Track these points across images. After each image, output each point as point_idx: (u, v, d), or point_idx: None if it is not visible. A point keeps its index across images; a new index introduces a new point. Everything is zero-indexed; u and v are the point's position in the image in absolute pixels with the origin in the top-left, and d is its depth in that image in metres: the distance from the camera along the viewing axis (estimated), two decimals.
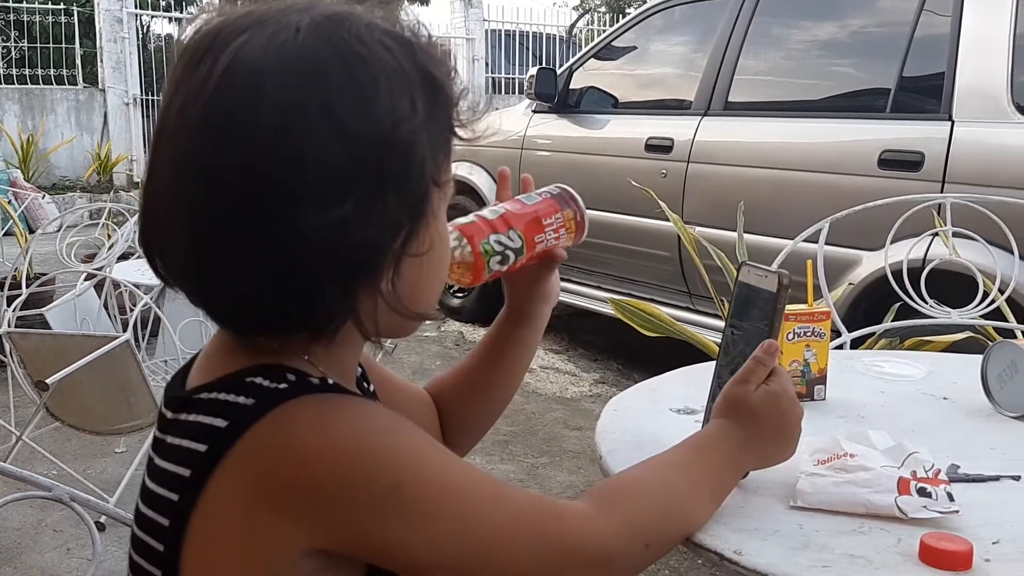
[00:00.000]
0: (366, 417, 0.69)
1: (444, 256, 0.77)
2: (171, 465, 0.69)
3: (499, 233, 0.90)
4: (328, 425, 0.66)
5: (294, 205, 0.63)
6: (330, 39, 0.65)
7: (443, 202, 0.74)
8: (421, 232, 0.70)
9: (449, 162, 0.73)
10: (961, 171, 2.83)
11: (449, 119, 0.73)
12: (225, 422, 0.66)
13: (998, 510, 0.89)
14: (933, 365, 1.47)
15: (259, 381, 0.68)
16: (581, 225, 0.98)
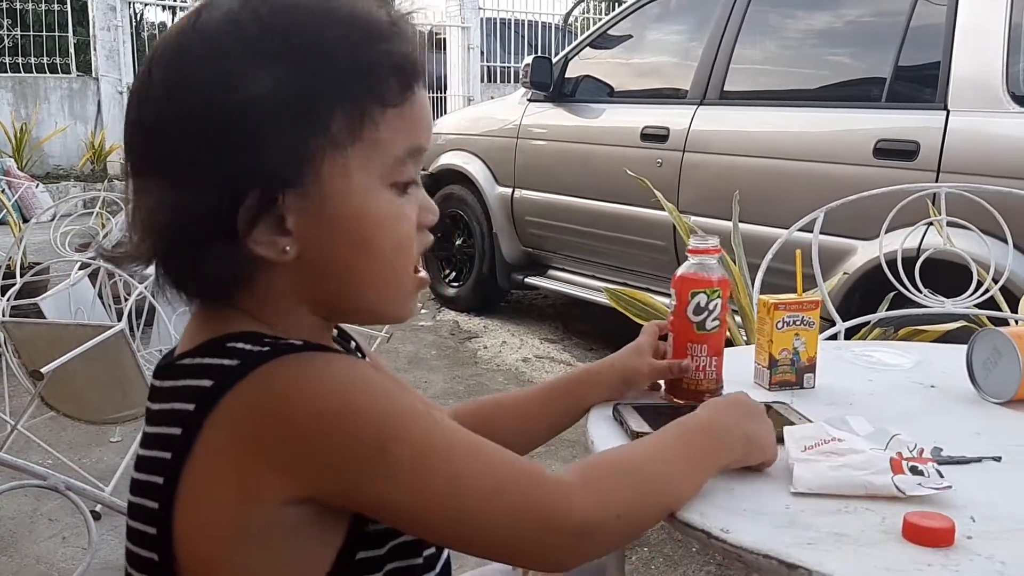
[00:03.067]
0: (352, 374, 0.71)
1: (375, 228, 0.75)
2: (162, 428, 0.71)
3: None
4: (311, 381, 0.69)
5: (151, 171, 0.72)
6: (230, 15, 0.71)
7: (367, 164, 0.73)
8: (291, 193, 0.70)
9: (364, 124, 0.72)
10: (956, 160, 2.83)
11: (357, 83, 0.72)
12: (211, 382, 0.69)
13: (980, 490, 0.90)
14: (922, 354, 1.48)
15: (241, 345, 0.71)
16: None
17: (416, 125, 0.76)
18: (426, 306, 5.08)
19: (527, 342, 4.46)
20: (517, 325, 4.77)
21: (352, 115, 0.72)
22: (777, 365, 1.26)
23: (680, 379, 1.18)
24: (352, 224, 0.73)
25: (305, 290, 0.75)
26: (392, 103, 0.73)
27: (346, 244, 0.74)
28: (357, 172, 0.73)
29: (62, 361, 2.23)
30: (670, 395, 1.20)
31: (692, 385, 1.17)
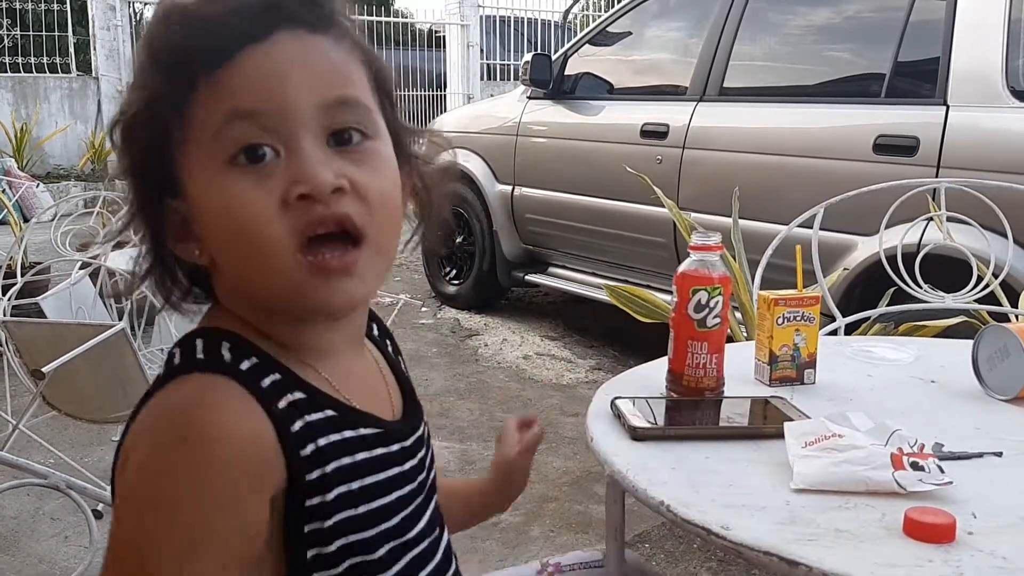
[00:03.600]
0: (180, 438, 0.66)
1: (218, 220, 0.70)
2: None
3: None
4: (155, 422, 0.68)
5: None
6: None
7: (201, 152, 0.70)
8: (178, 200, 0.72)
9: (186, 112, 0.69)
10: (956, 156, 2.83)
11: (165, 73, 0.70)
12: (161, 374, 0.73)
13: (981, 485, 0.90)
14: (922, 349, 1.48)
15: (178, 351, 0.73)
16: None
17: (236, 89, 0.68)
18: (427, 304, 5.08)
19: (528, 339, 4.46)
20: (518, 323, 4.77)
21: (176, 106, 0.70)
22: (777, 361, 1.26)
23: (681, 376, 1.18)
24: (209, 220, 0.71)
25: (233, 289, 0.75)
26: (200, 81, 0.69)
27: (216, 241, 0.71)
28: (198, 165, 0.70)
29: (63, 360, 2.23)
30: (671, 391, 1.20)
31: (693, 382, 1.17)
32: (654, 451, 0.99)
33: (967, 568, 0.73)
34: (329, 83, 0.71)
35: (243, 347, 0.72)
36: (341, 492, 0.72)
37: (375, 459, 0.76)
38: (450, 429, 3.27)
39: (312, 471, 0.70)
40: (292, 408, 0.71)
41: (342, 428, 0.74)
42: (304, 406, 0.72)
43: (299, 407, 0.72)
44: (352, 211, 0.70)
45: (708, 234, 1.17)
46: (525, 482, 1.10)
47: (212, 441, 0.65)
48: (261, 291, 0.72)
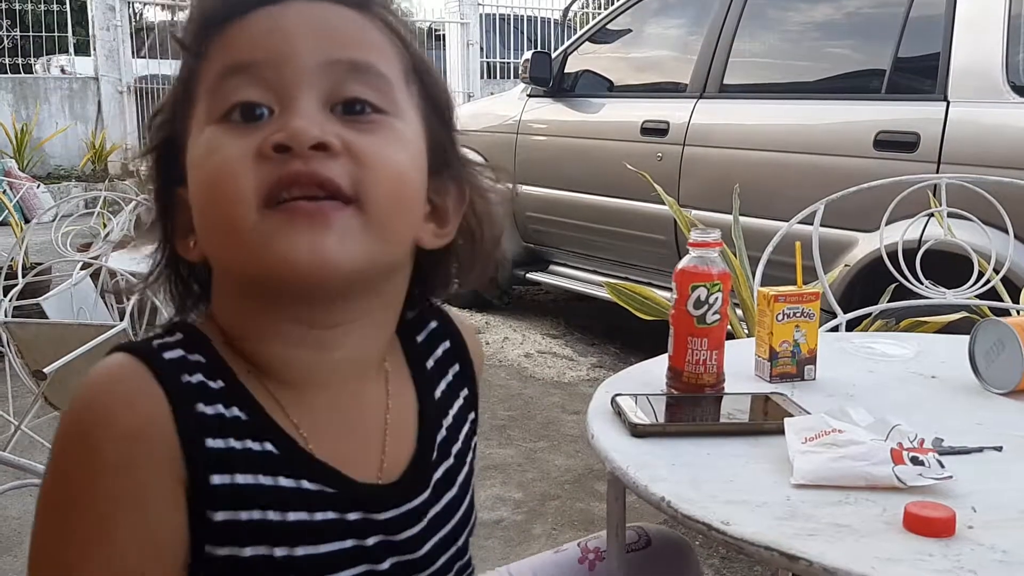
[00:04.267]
0: (97, 413, 0.60)
1: (192, 172, 0.64)
2: None
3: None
4: (79, 393, 0.61)
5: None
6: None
7: (199, 119, 0.64)
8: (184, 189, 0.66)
9: (196, 86, 0.65)
10: (956, 151, 2.83)
11: (185, 51, 0.67)
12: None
13: (981, 480, 0.90)
14: (923, 345, 1.48)
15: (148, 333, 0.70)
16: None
17: (238, 43, 0.63)
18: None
19: (529, 338, 4.46)
20: (519, 321, 4.77)
21: (190, 76, 0.66)
22: (778, 357, 1.26)
23: (681, 372, 1.18)
24: (189, 185, 0.65)
25: (216, 278, 0.68)
26: (211, 43, 0.64)
27: (193, 208, 0.65)
28: (195, 128, 0.65)
29: (65, 361, 2.23)
30: (671, 388, 1.20)
31: (693, 379, 1.17)
32: (655, 447, 0.99)
33: (967, 562, 0.73)
34: (340, 42, 0.64)
35: (192, 342, 0.65)
36: (259, 554, 0.61)
37: (310, 524, 0.63)
38: None
39: (216, 511, 0.60)
40: (216, 422, 0.62)
41: (278, 472, 0.63)
42: (231, 428, 0.62)
43: (226, 425, 0.62)
44: (340, 174, 0.60)
45: (707, 230, 1.17)
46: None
47: (101, 422, 0.59)
48: (220, 259, 0.64)
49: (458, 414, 0.78)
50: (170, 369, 0.62)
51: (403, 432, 0.72)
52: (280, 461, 0.63)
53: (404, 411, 0.73)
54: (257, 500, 0.61)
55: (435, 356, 0.79)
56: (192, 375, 0.62)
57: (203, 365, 0.64)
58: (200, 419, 0.61)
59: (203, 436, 0.61)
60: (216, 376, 0.63)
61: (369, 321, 0.68)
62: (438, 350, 0.79)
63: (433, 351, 0.79)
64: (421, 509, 0.70)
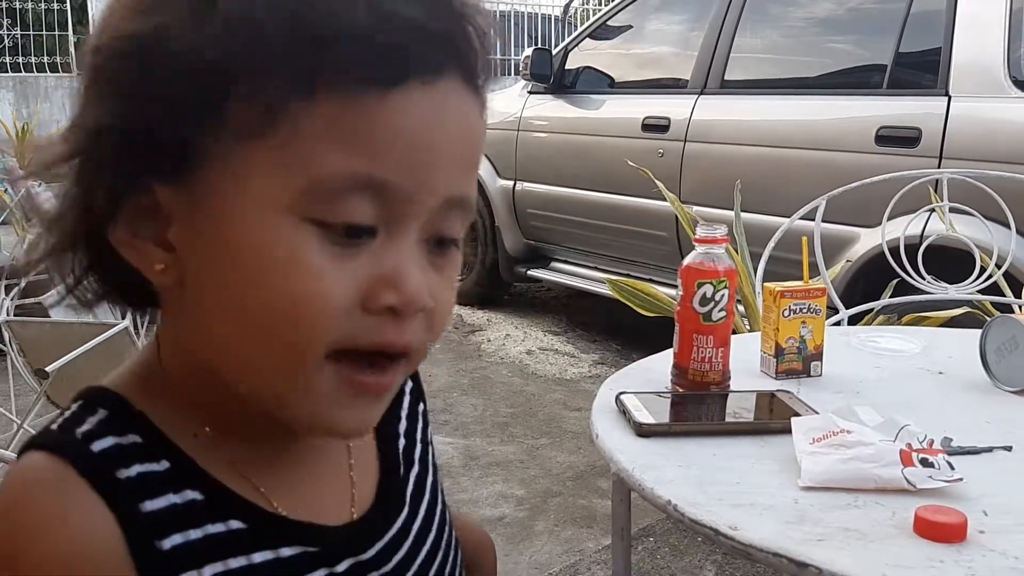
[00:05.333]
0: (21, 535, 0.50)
1: (255, 267, 0.49)
2: None
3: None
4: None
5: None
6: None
7: (273, 175, 0.48)
8: (166, 187, 0.50)
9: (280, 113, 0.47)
10: (958, 147, 2.82)
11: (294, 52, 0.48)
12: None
13: (991, 481, 0.89)
14: (928, 340, 1.47)
15: (60, 419, 0.55)
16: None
17: (380, 144, 0.48)
18: None
19: (531, 334, 4.45)
20: (520, 318, 4.76)
21: (270, 96, 0.47)
22: (784, 353, 1.25)
23: (686, 370, 1.17)
24: (232, 254, 0.49)
25: (190, 340, 0.54)
26: (335, 87, 0.47)
27: (215, 280, 0.50)
28: (255, 180, 0.48)
29: (67, 359, 2.23)
30: (676, 385, 1.19)
31: (698, 376, 1.17)
32: (660, 448, 0.99)
33: (979, 568, 0.73)
34: (463, 170, 0.53)
35: (121, 420, 0.54)
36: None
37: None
38: (453, 425, 3.27)
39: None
40: (167, 515, 0.52)
41: (251, 549, 0.54)
42: (186, 517, 0.53)
43: (180, 516, 0.52)
44: (415, 339, 0.52)
45: (714, 227, 1.17)
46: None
47: (27, 548, 0.49)
48: (248, 375, 0.52)
49: (409, 412, 0.70)
50: (103, 466, 0.51)
51: (365, 456, 0.64)
52: (250, 536, 0.54)
53: (365, 441, 0.65)
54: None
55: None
56: (129, 467, 0.52)
57: (140, 448, 0.53)
58: (149, 519, 0.51)
59: (155, 538, 0.51)
60: (158, 456, 0.53)
61: None
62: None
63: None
64: (404, 528, 0.63)
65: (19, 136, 9.13)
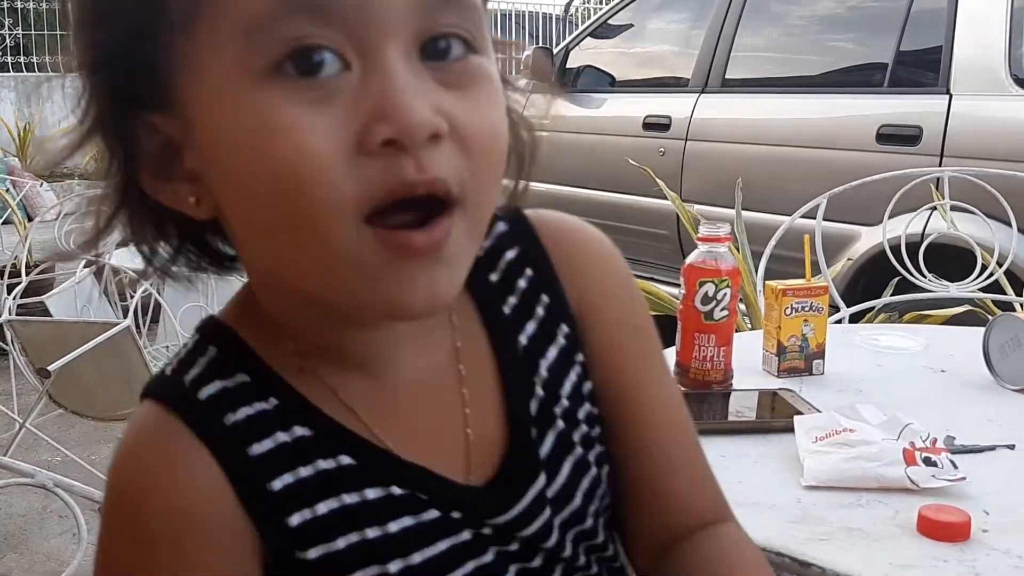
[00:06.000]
0: (113, 504, 0.52)
1: (241, 157, 0.46)
2: None
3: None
4: (114, 460, 0.52)
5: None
6: None
7: (220, 50, 0.45)
8: (157, 116, 0.48)
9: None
10: (959, 145, 2.82)
11: None
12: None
13: (994, 480, 0.89)
14: (930, 338, 1.47)
15: (170, 365, 0.55)
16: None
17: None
18: None
19: None
20: None
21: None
22: (786, 352, 1.26)
23: (688, 369, 1.18)
24: (224, 156, 0.47)
25: (253, 262, 0.53)
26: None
27: (235, 191, 0.48)
28: (214, 66, 0.46)
29: (69, 358, 2.23)
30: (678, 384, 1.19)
31: (700, 375, 1.17)
32: None
33: (982, 568, 0.73)
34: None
35: (231, 358, 0.53)
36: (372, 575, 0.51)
37: (416, 528, 0.53)
38: None
39: (307, 550, 0.51)
40: (275, 456, 0.51)
41: (363, 485, 0.52)
42: (296, 454, 0.52)
43: (289, 454, 0.52)
44: (449, 170, 0.46)
45: (717, 225, 1.17)
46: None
47: (141, 499, 0.50)
48: (299, 277, 0.49)
49: (556, 363, 0.59)
50: (210, 415, 0.51)
51: (485, 405, 0.56)
52: (361, 471, 0.52)
53: (481, 375, 0.57)
54: (349, 523, 0.52)
55: (506, 275, 0.60)
56: (236, 411, 0.52)
57: (248, 387, 0.52)
58: (256, 463, 0.51)
59: (264, 480, 0.51)
60: (266, 394, 0.52)
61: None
62: (503, 260, 0.60)
63: (501, 267, 0.60)
64: (537, 502, 0.55)
65: (21, 136, 9.13)
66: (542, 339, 0.59)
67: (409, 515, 0.53)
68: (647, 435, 0.61)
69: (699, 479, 0.63)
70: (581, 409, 0.59)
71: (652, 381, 0.63)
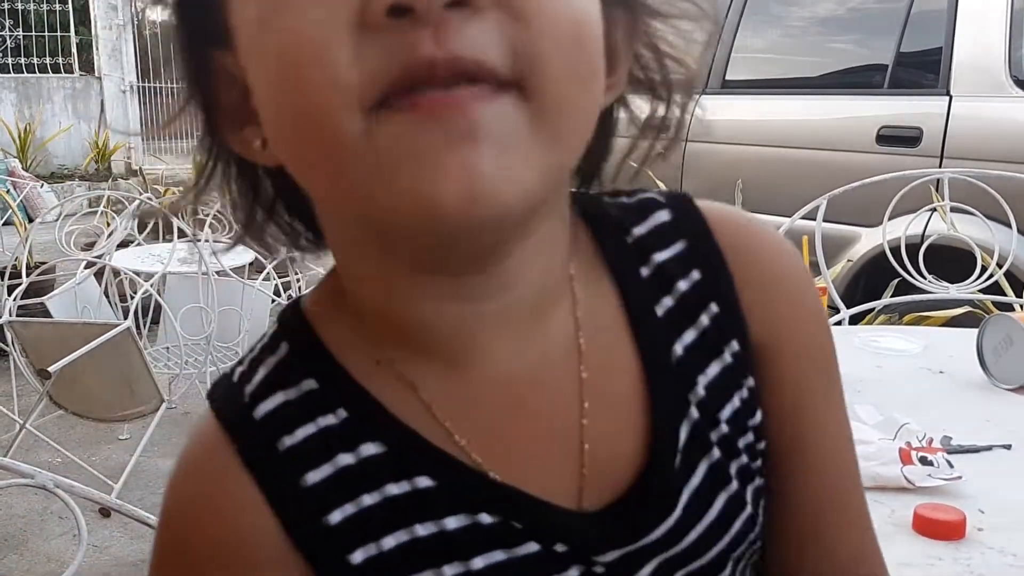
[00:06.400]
0: (164, 523, 0.48)
1: (252, 40, 0.40)
2: None
3: None
4: (169, 484, 0.48)
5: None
6: None
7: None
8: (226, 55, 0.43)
9: None
10: (959, 146, 2.82)
11: None
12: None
13: (990, 480, 0.90)
14: (929, 340, 1.47)
15: (254, 349, 0.49)
16: None
17: None
18: None
19: None
20: None
21: None
22: None
23: None
24: (250, 65, 0.41)
25: (314, 200, 0.46)
26: None
27: (258, 99, 0.41)
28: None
29: (69, 360, 2.24)
30: None
31: None
32: None
33: (977, 566, 0.73)
34: None
35: (302, 361, 0.47)
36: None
37: (508, 564, 0.44)
38: None
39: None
40: (335, 484, 0.44)
41: (443, 513, 0.44)
42: (362, 479, 0.44)
43: (354, 480, 0.44)
44: (489, 46, 0.36)
45: None
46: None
47: (191, 532, 0.47)
48: (306, 181, 0.42)
49: (718, 381, 0.48)
50: (263, 439, 0.45)
51: (619, 419, 0.46)
52: (440, 496, 0.44)
53: (616, 381, 0.46)
54: (423, 558, 0.44)
55: (661, 272, 0.49)
56: (294, 432, 0.45)
57: (314, 397, 0.46)
58: (310, 494, 0.44)
59: (319, 514, 0.44)
60: (335, 404, 0.45)
61: (536, 245, 0.44)
62: (660, 255, 0.49)
63: (656, 262, 0.49)
64: (672, 534, 0.46)
65: (22, 137, 9.15)
66: (704, 352, 0.48)
67: (500, 548, 0.44)
68: (818, 484, 0.52)
69: (860, 541, 0.55)
70: (742, 439, 0.49)
71: (834, 425, 0.54)
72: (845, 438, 0.55)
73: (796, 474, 0.51)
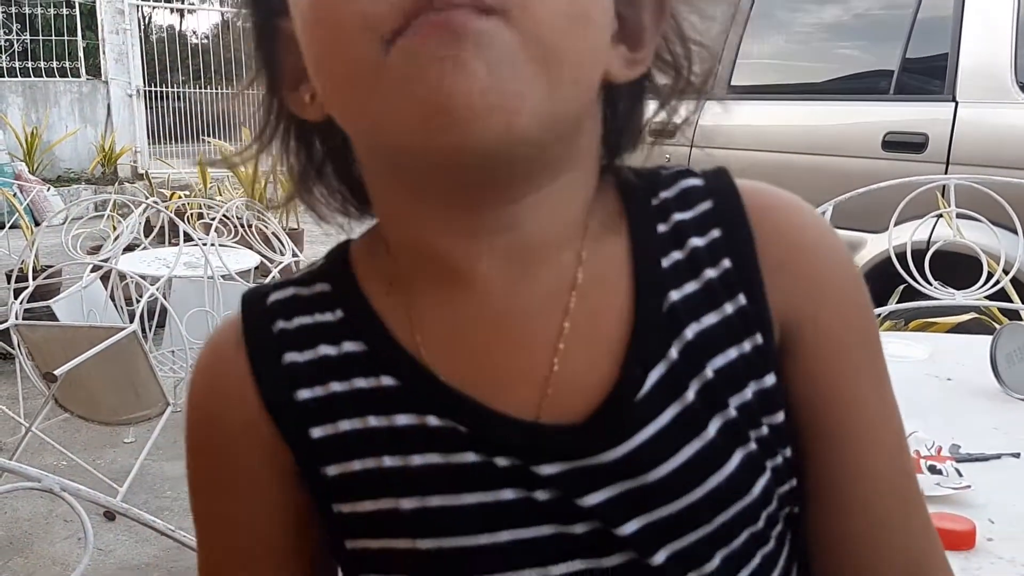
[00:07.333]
0: (189, 393, 0.54)
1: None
2: None
3: None
4: (194, 370, 0.55)
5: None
6: None
7: None
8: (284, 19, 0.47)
9: None
10: (965, 152, 2.82)
11: None
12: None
13: (999, 489, 0.89)
14: (936, 346, 1.47)
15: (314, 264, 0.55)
16: None
17: None
18: None
19: None
20: None
21: None
22: None
23: None
24: (293, 3, 0.46)
25: (355, 146, 0.50)
26: None
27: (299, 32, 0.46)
28: None
29: (75, 363, 2.24)
30: None
31: None
32: None
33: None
34: None
35: (328, 267, 0.53)
36: (382, 508, 0.48)
37: (443, 468, 0.47)
38: None
39: (327, 466, 0.49)
40: (309, 368, 0.50)
41: (395, 410, 0.48)
42: (335, 369, 0.49)
43: (327, 368, 0.50)
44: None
45: None
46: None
47: (189, 414, 0.54)
48: (339, 117, 0.46)
49: (723, 324, 0.48)
50: (261, 321, 0.52)
51: (595, 350, 0.47)
52: (398, 395, 0.48)
53: (603, 316, 0.48)
54: (368, 446, 0.48)
55: (679, 229, 0.51)
56: (292, 319, 0.51)
57: (321, 297, 0.51)
58: (288, 371, 0.50)
59: (291, 390, 0.50)
60: (335, 305, 0.51)
61: (551, 195, 0.47)
62: (683, 214, 0.52)
63: (675, 220, 0.52)
64: (629, 464, 0.45)
65: (28, 141, 9.17)
66: (701, 303, 0.48)
67: (438, 452, 0.47)
68: (866, 475, 0.51)
69: (920, 547, 0.52)
70: (736, 395, 0.47)
71: (878, 406, 0.52)
72: (894, 424, 0.53)
73: (836, 464, 0.50)
